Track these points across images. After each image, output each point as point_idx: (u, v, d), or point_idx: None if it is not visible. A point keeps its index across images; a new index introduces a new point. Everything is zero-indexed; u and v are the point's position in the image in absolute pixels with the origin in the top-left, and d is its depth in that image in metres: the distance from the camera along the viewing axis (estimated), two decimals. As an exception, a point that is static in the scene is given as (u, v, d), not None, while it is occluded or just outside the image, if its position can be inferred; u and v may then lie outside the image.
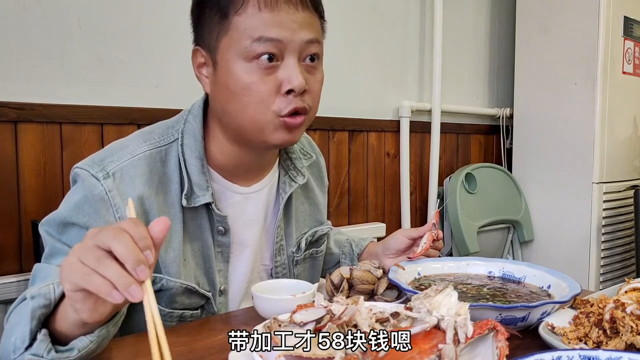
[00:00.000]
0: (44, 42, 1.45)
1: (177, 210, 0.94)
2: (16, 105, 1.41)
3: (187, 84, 1.70)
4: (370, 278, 0.95)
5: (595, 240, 2.47)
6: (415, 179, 2.51)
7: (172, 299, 0.94)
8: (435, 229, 1.09)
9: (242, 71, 0.88)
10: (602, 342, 0.72)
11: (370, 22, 2.26)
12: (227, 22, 0.89)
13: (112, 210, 0.87)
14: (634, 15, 2.52)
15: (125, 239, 0.59)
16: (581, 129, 2.46)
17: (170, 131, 0.98)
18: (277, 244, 1.09)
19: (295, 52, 0.89)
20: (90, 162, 0.91)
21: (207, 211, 0.97)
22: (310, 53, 0.92)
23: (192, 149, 0.96)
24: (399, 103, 2.38)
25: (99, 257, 0.59)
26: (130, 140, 0.96)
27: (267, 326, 0.68)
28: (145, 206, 0.91)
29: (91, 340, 0.68)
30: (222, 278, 1.01)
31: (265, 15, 0.87)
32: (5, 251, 1.41)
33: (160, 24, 1.66)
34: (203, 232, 0.98)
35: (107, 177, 0.88)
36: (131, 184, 0.90)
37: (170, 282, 0.93)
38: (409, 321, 0.69)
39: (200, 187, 0.95)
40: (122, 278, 0.58)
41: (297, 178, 1.10)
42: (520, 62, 2.70)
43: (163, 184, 0.94)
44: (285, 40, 0.88)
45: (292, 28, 0.88)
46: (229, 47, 0.89)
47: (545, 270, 0.96)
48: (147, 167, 0.92)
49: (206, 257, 0.99)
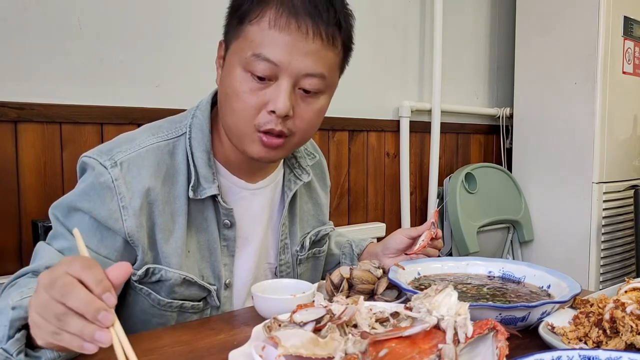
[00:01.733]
0: (44, 42, 1.46)
1: (182, 203, 0.95)
2: (16, 105, 1.41)
3: (187, 84, 1.71)
4: (370, 278, 0.95)
5: (595, 240, 2.47)
6: (415, 179, 2.51)
7: (171, 289, 0.95)
8: (434, 228, 1.09)
9: (238, 78, 0.90)
10: (602, 342, 0.72)
11: (370, 22, 2.26)
12: (241, 28, 0.90)
13: (116, 199, 0.89)
14: (634, 15, 2.52)
15: (79, 292, 0.59)
16: (581, 129, 2.46)
17: (178, 125, 0.99)
18: (281, 242, 1.10)
19: (291, 78, 0.89)
20: (98, 152, 0.92)
21: (213, 204, 0.99)
22: (304, 87, 0.91)
23: (199, 142, 0.97)
24: (399, 103, 2.38)
25: (58, 315, 0.59)
26: (138, 133, 0.97)
27: (267, 326, 0.68)
28: (151, 197, 0.92)
29: (60, 355, 0.69)
30: (227, 272, 1.02)
31: (273, 34, 0.87)
32: (5, 251, 1.41)
33: (161, 24, 1.66)
34: (209, 225, 0.99)
35: (114, 165, 0.90)
36: (138, 174, 0.91)
37: (169, 272, 0.94)
38: (409, 321, 0.69)
39: (207, 180, 0.96)
40: (85, 329, 0.58)
41: (302, 176, 1.12)
42: (520, 62, 2.70)
43: (170, 176, 0.95)
44: (281, 65, 0.88)
45: (294, 55, 0.88)
46: (236, 51, 0.91)
47: (545, 270, 0.96)
48: (155, 159, 0.94)
49: (212, 249, 1.00)
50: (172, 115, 1.04)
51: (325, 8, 0.89)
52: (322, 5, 0.89)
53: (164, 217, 0.93)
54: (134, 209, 0.89)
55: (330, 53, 0.92)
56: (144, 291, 0.95)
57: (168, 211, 0.94)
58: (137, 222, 0.89)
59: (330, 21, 0.90)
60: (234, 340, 0.79)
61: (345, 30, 0.94)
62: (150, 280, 0.94)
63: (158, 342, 0.80)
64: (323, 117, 0.99)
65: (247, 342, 0.68)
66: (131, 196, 0.90)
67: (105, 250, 0.90)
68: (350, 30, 0.96)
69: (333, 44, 0.91)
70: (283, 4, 0.88)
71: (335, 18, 0.91)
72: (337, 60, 0.95)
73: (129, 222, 0.89)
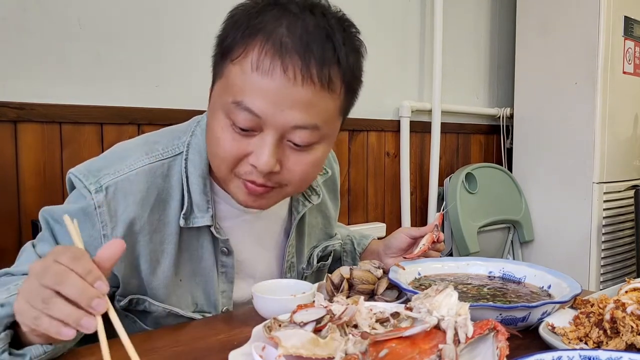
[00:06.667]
0: (44, 42, 1.45)
1: (173, 230, 0.89)
2: (16, 105, 1.41)
3: (187, 84, 1.71)
4: (371, 278, 0.95)
5: (596, 240, 2.47)
6: (416, 179, 2.51)
7: (157, 321, 0.92)
8: (437, 231, 1.08)
9: (218, 124, 0.81)
10: (602, 342, 0.72)
11: (370, 22, 2.26)
12: (224, 65, 0.80)
13: (98, 226, 0.84)
14: (634, 15, 2.52)
15: (73, 279, 0.59)
16: (581, 129, 2.46)
17: (175, 142, 0.92)
18: (287, 262, 1.05)
19: (276, 131, 0.78)
20: (85, 170, 0.86)
21: (209, 231, 0.92)
22: (294, 140, 0.79)
23: (196, 166, 0.90)
24: (399, 103, 2.38)
25: (45, 299, 0.59)
26: (131, 149, 0.90)
27: (267, 326, 0.68)
28: (136, 228, 0.86)
29: (45, 351, 0.68)
30: (225, 299, 0.97)
31: (255, 79, 0.75)
32: (5, 251, 1.41)
33: (161, 24, 1.66)
34: (204, 252, 0.93)
35: (99, 190, 0.83)
36: (123, 201, 0.85)
37: (153, 306, 0.90)
38: (409, 321, 0.68)
39: (200, 209, 0.90)
40: (72, 314, 0.59)
41: (312, 197, 1.05)
42: (520, 62, 2.70)
43: (161, 201, 0.88)
44: (265, 117, 0.77)
45: (280, 105, 0.76)
46: (219, 93, 0.82)
47: (545, 270, 0.96)
48: (145, 183, 0.87)
49: (208, 277, 0.94)
50: (172, 115, 1.02)
51: (319, 43, 0.76)
52: (316, 39, 0.76)
53: (150, 247, 0.87)
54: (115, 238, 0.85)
55: (327, 99, 0.79)
56: (129, 317, 0.92)
57: (157, 240, 0.88)
58: None
59: (327, 60, 0.77)
60: (234, 340, 0.78)
61: (347, 68, 0.81)
62: (135, 309, 0.91)
63: (158, 342, 0.80)
64: (321, 166, 0.89)
65: (247, 342, 0.68)
66: (114, 225, 0.84)
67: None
68: (357, 67, 0.84)
69: (329, 88, 0.78)
70: (269, 40, 0.75)
71: (334, 56, 0.78)
72: (336, 106, 0.82)
73: None
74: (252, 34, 0.77)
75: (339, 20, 0.82)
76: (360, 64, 0.85)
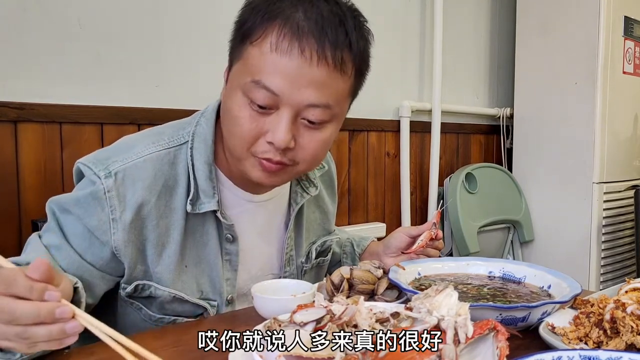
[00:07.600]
0: (44, 42, 1.45)
1: (179, 216, 0.92)
2: (16, 105, 1.41)
3: (187, 84, 1.71)
4: (371, 278, 0.95)
5: (596, 240, 2.47)
6: (416, 179, 2.51)
7: (162, 306, 0.93)
8: (435, 229, 1.09)
9: (236, 103, 0.85)
10: (602, 342, 0.72)
11: (370, 22, 2.25)
12: (243, 48, 0.84)
13: (107, 211, 0.86)
14: (634, 15, 2.52)
15: (22, 308, 0.59)
16: (581, 129, 2.46)
17: (181, 132, 0.95)
18: (287, 254, 1.07)
19: (292, 108, 0.83)
20: (94, 159, 0.89)
21: (214, 217, 0.95)
22: (308, 118, 0.84)
23: (201, 154, 0.93)
24: (399, 103, 2.38)
25: (19, 334, 0.59)
26: (138, 140, 0.94)
27: (267, 326, 0.68)
28: (144, 212, 0.89)
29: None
30: (229, 287, 0.98)
31: (274, 59, 0.80)
32: (5, 251, 1.39)
33: (161, 24, 1.66)
34: (210, 239, 0.95)
35: (108, 176, 0.86)
36: (132, 187, 0.88)
37: (159, 290, 0.91)
38: (409, 321, 0.69)
39: (206, 194, 0.92)
40: (52, 331, 0.59)
41: (310, 189, 1.08)
42: (520, 62, 2.70)
43: (168, 188, 0.91)
44: (282, 95, 0.81)
45: (296, 84, 0.81)
46: (237, 74, 0.86)
47: (545, 270, 0.96)
48: (152, 170, 0.90)
49: (212, 264, 0.96)
50: (172, 115, 1.03)
51: (333, 27, 0.81)
52: (330, 24, 0.81)
53: (157, 232, 0.90)
54: (124, 222, 0.87)
55: (339, 80, 0.84)
56: (134, 305, 0.93)
57: (163, 225, 0.91)
58: (126, 237, 0.87)
59: (340, 43, 0.82)
60: (234, 341, 0.78)
61: (358, 53, 0.86)
62: (140, 295, 0.92)
63: (158, 342, 0.80)
64: (330, 145, 0.93)
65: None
66: (123, 209, 0.86)
67: (90, 256, 0.88)
68: (366, 52, 0.89)
69: (341, 70, 0.83)
70: (287, 23, 0.80)
71: (347, 39, 0.83)
72: (347, 87, 0.87)
73: (117, 236, 0.87)
74: (271, 18, 0.81)
75: (350, 9, 0.88)
76: (369, 50, 0.90)
